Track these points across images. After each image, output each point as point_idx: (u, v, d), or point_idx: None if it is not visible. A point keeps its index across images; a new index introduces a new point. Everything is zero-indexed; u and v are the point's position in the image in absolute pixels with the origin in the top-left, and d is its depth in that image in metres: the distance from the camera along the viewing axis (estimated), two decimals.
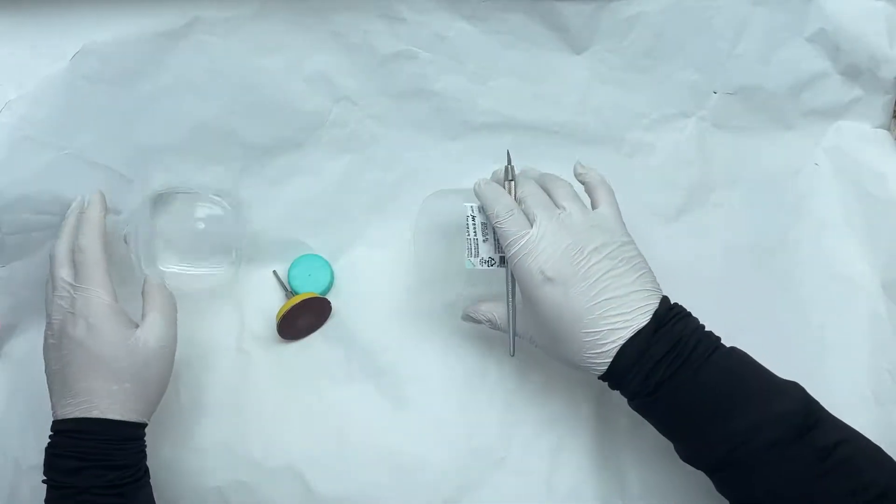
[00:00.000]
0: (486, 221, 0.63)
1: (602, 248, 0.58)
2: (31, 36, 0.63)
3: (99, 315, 0.58)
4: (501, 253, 0.62)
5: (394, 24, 0.70)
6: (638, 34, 0.72)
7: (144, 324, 0.60)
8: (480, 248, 0.63)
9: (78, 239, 0.61)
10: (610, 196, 0.64)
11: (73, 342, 0.58)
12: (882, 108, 0.75)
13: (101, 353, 0.57)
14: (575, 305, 0.56)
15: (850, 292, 0.72)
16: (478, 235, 0.63)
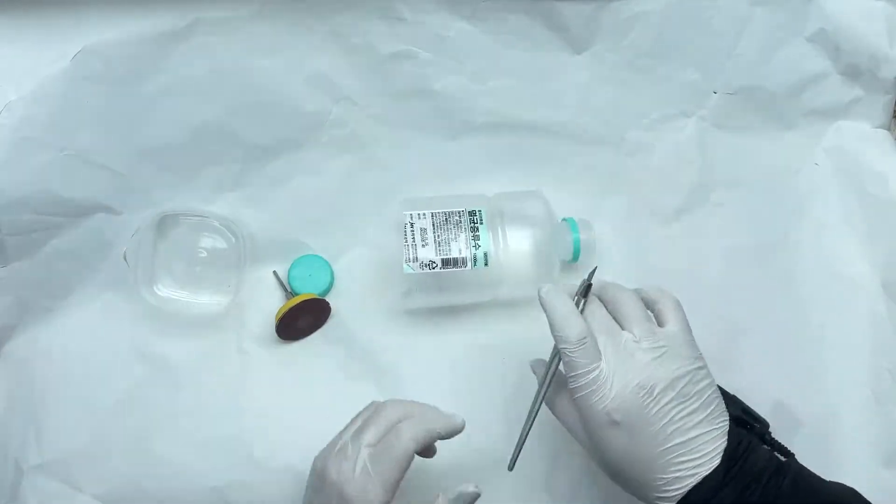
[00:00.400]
0: (425, 227, 0.67)
1: (674, 384, 0.52)
2: (32, 37, 0.63)
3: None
4: (445, 255, 0.66)
5: (394, 24, 0.70)
6: (638, 34, 0.72)
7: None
8: (419, 252, 0.66)
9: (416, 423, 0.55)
10: (678, 311, 0.57)
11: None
12: (882, 108, 0.75)
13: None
14: (641, 451, 0.51)
15: (850, 292, 0.72)
16: (416, 240, 0.66)
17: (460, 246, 0.67)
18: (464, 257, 0.67)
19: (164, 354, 0.71)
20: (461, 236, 0.67)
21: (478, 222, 0.68)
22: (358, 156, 0.75)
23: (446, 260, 0.66)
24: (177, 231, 0.73)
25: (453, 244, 0.67)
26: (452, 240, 0.67)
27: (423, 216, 0.67)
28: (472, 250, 0.67)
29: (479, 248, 0.67)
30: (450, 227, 0.67)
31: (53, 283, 0.70)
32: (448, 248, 0.67)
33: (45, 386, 0.69)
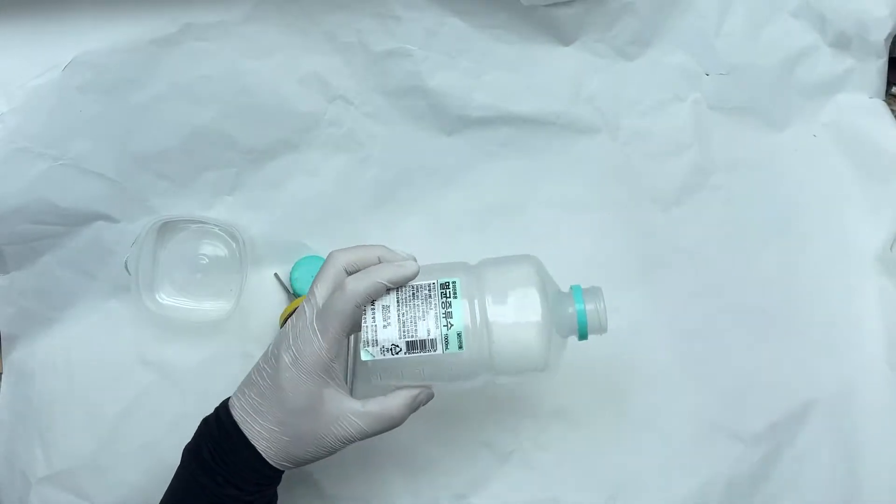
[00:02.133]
0: (388, 304, 0.55)
1: None
2: (22, 47, 0.63)
3: (308, 359, 0.52)
4: (410, 337, 0.54)
5: (386, 21, 0.71)
6: (624, 23, 0.73)
7: (364, 402, 0.54)
8: (380, 334, 0.54)
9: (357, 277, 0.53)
10: None
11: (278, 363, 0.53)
12: (877, 74, 0.75)
13: (285, 390, 0.52)
14: None
15: (855, 266, 0.71)
16: (377, 321, 0.54)
17: (429, 325, 0.54)
18: (433, 339, 0.54)
19: (168, 361, 0.71)
20: (430, 314, 0.54)
21: (451, 296, 0.55)
22: (355, 155, 0.75)
23: (412, 343, 0.54)
24: (177, 238, 0.73)
25: (420, 324, 0.54)
26: (420, 318, 0.54)
27: (387, 293, 0.55)
28: (444, 330, 0.54)
29: (452, 328, 0.54)
30: (417, 304, 0.55)
31: (55, 293, 0.70)
32: (414, 328, 0.54)
33: (50, 396, 0.68)
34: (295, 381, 0.52)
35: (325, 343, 0.52)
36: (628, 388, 0.70)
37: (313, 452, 0.54)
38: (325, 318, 0.52)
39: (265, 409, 0.53)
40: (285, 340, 0.53)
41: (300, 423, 0.53)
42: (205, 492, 0.53)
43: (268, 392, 0.53)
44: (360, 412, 0.53)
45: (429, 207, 0.76)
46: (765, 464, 0.67)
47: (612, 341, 0.71)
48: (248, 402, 0.54)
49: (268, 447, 0.53)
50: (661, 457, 0.68)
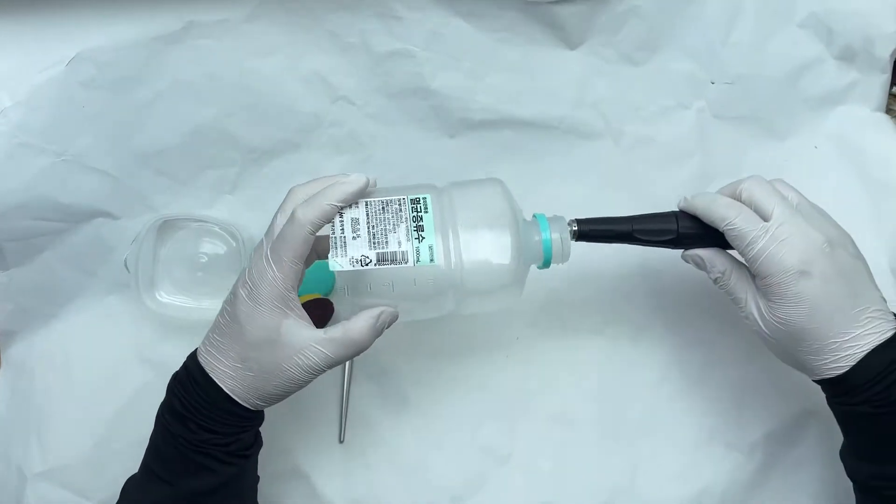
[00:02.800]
0: (358, 217, 0.55)
1: (844, 243, 0.55)
2: (26, 43, 0.63)
3: (263, 291, 0.52)
4: (381, 249, 0.54)
5: (390, 22, 0.70)
6: (631, 27, 0.72)
7: (326, 329, 0.54)
8: (349, 246, 0.54)
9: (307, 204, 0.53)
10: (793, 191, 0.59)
11: (235, 298, 0.53)
12: (880, 88, 0.75)
13: (243, 324, 0.53)
14: (834, 301, 0.52)
15: None
16: (346, 232, 0.54)
17: (399, 238, 0.55)
18: (404, 251, 0.55)
19: (166, 358, 0.70)
20: (401, 227, 0.55)
21: (421, 211, 0.56)
22: (356, 155, 0.75)
23: (382, 255, 0.54)
24: (177, 236, 0.73)
25: (391, 236, 0.55)
26: (390, 231, 0.55)
27: (356, 205, 0.55)
28: (415, 243, 0.55)
29: (423, 241, 0.55)
30: (387, 217, 0.55)
31: (54, 289, 0.70)
32: (385, 240, 0.55)
33: (48, 392, 0.69)
34: (252, 314, 0.52)
35: (279, 273, 0.52)
36: (626, 395, 0.70)
37: (281, 386, 0.54)
38: (278, 248, 0.52)
39: (226, 347, 0.53)
40: (242, 276, 0.53)
41: (262, 357, 0.53)
42: (179, 441, 0.54)
43: (227, 329, 0.53)
44: (323, 339, 0.53)
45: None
46: (760, 473, 0.67)
47: (610, 347, 0.72)
48: (212, 344, 0.54)
49: (234, 386, 0.53)
50: (657, 464, 0.69)
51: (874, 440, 0.54)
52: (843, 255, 0.54)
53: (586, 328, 0.73)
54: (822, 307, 0.52)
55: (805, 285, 0.52)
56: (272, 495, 0.67)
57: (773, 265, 0.53)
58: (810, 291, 0.52)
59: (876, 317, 0.53)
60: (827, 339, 0.52)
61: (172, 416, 0.55)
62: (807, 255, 0.52)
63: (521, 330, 0.73)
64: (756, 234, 0.53)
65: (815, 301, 0.52)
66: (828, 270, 0.52)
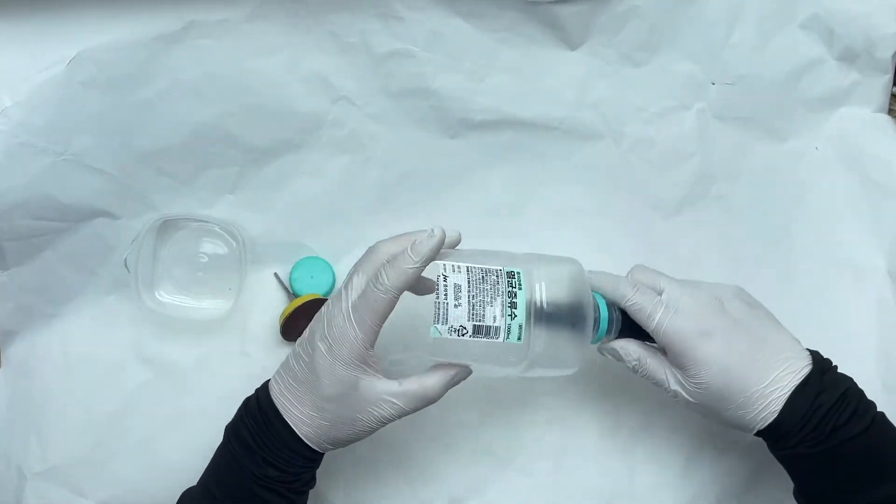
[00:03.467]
0: (460, 284, 0.55)
1: (736, 295, 0.58)
2: (26, 42, 0.63)
3: (344, 349, 0.52)
4: (477, 321, 0.54)
5: (390, 22, 0.70)
6: (632, 28, 0.72)
7: (401, 382, 0.54)
8: (451, 313, 0.54)
9: (391, 266, 0.52)
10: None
11: (314, 350, 0.54)
12: (881, 89, 0.75)
13: (320, 377, 0.53)
14: (741, 354, 0.54)
15: (856, 280, 0.71)
16: (449, 299, 0.54)
17: (495, 312, 0.54)
18: (497, 326, 0.54)
19: (166, 358, 0.71)
20: (497, 301, 0.55)
21: (516, 287, 0.56)
22: (357, 156, 0.75)
23: (478, 327, 0.54)
24: (177, 236, 0.73)
25: (488, 309, 0.54)
26: (488, 303, 0.54)
27: (459, 270, 0.55)
28: (508, 319, 0.55)
29: (515, 319, 0.55)
30: (486, 288, 0.55)
31: (54, 289, 0.70)
32: (482, 312, 0.54)
33: (48, 392, 0.69)
34: (331, 370, 0.53)
35: (361, 334, 0.52)
36: (624, 398, 0.70)
37: (353, 434, 0.55)
38: (361, 309, 0.52)
39: (302, 395, 0.54)
40: (320, 328, 0.54)
41: (338, 408, 0.54)
42: (245, 472, 0.55)
43: (304, 379, 0.54)
44: (398, 392, 0.54)
45: (430, 210, 0.76)
46: (755, 476, 0.67)
47: None
48: (287, 388, 0.55)
49: (308, 431, 0.54)
50: (654, 467, 0.69)
51: (818, 479, 0.55)
52: (737, 306, 0.57)
53: None
54: (732, 362, 0.54)
55: (709, 346, 0.54)
56: None
57: (675, 333, 0.55)
58: (716, 350, 0.54)
59: (789, 356, 0.54)
60: (747, 391, 0.54)
61: (241, 445, 0.55)
62: (703, 317, 0.55)
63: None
64: (653, 307, 0.56)
65: (724, 358, 0.54)
66: (726, 326, 0.55)
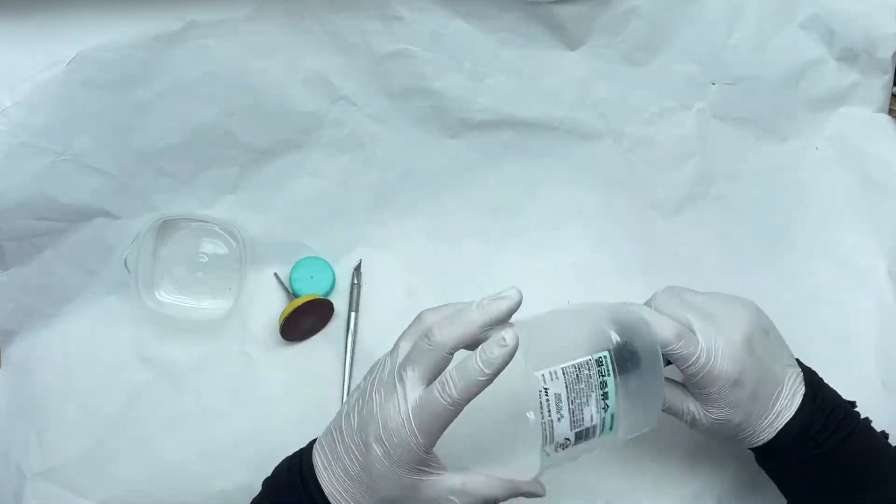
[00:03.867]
0: (560, 393, 0.49)
1: (757, 324, 0.57)
2: (27, 42, 0.63)
3: (404, 455, 0.48)
4: (578, 427, 0.49)
5: (391, 23, 0.70)
6: (632, 28, 0.72)
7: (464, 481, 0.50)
8: (556, 430, 0.48)
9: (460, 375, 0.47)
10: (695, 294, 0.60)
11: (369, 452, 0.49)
12: (881, 89, 0.75)
13: (378, 481, 0.49)
14: (761, 395, 0.56)
15: (856, 280, 0.72)
16: (552, 414, 0.48)
17: (591, 411, 0.50)
18: (594, 425, 0.50)
19: (166, 358, 0.71)
20: (592, 397, 0.50)
21: (605, 375, 0.50)
22: (357, 156, 0.75)
23: (579, 433, 0.49)
24: (177, 237, 0.73)
25: (586, 410, 0.49)
26: (584, 404, 0.49)
27: (556, 376, 0.49)
28: (602, 413, 0.50)
29: (608, 410, 0.50)
30: (581, 388, 0.50)
31: (54, 288, 0.70)
32: (581, 416, 0.49)
33: (48, 391, 0.68)
34: (390, 475, 0.48)
35: (423, 441, 0.47)
36: None
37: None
38: (425, 417, 0.47)
39: (359, 495, 0.50)
40: (374, 427, 0.48)
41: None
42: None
43: (359, 478, 0.50)
44: (459, 491, 0.50)
45: (430, 210, 0.76)
46: (754, 479, 0.67)
47: None
48: (341, 485, 0.50)
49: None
50: (654, 469, 0.69)
51: (800, 487, 0.58)
52: (759, 340, 0.56)
53: None
54: (753, 403, 0.55)
55: (739, 392, 0.55)
56: None
57: (711, 380, 0.55)
58: (744, 395, 0.55)
59: (791, 382, 0.57)
60: (759, 422, 0.56)
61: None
62: (736, 364, 0.54)
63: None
64: (695, 356, 0.55)
65: (748, 402, 0.55)
66: (753, 368, 0.55)
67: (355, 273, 0.75)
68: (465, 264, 0.76)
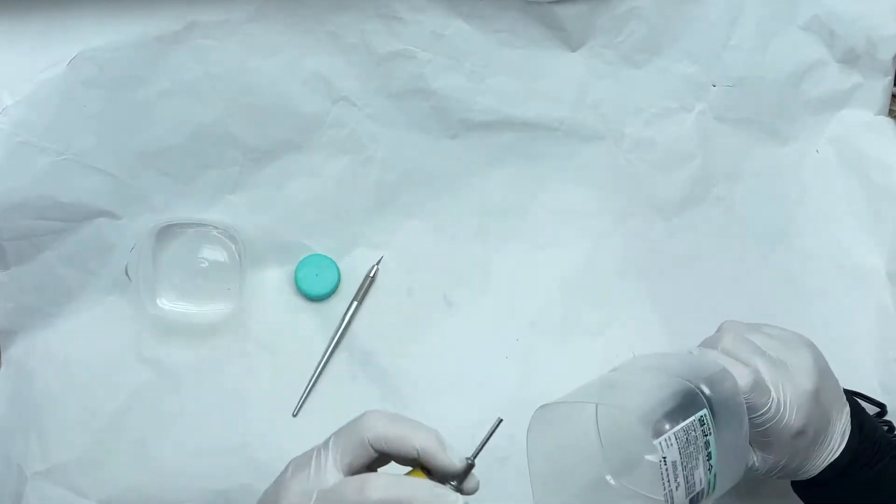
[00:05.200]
0: (675, 460, 0.46)
1: (821, 372, 0.56)
2: (28, 41, 0.63)
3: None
4: (691, 494, 0.47)
5: (391, 23, 0.70)
6: (633, 29, 0.72)
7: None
8: (675, 499, 0.46)
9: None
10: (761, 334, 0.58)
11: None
12: (882, 92, 0.75)
13: None
14: (816, 443, 0.55)
15: (855, 283, 0.72)
16: (671, 483, 0.46)
17: (701, 474, 0.47)
18: (703, 489, 0.48)
19: (166, 359, 0.71)
20: (699, 458, 0.47)
21: (708, 434, 0.48)
22: (357, 156, 0.75)
23: (693, 499, 0.47)
24: (176, 242, 0.73)
25: (696, 473, 0.47)
26: (695, 468, 0.47)
27: (671, 443, 0.46)
28: (707, 474, 0.48)
29: (712, 470, 0.48)
30: (691, 452, 0.47)
31: (54, 289, 0.70)
32: (693, 480, 0.47)
33: (48, 391, 0.68)
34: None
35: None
36: None
37: None
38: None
39: None
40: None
41: None
42: None
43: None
44: None
45: (430, 210, 0.76)
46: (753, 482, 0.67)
47: (610, 349, 0.72)
48: None
49: None
50: None
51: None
52: (825, 392, 0.55)
53: (585, 330, 0.73)
54: (810, 448, 0.55)
55: (801, 442, 0.54)
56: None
57: (777, 431, 0.54)
58: (805, 444, 0.55)
59: (842, 424, 0.56)
60: (809, 462, 0.56)
61: None
62: (802, 416, 0.54)
63: (521, 331, 0.73)
64: (766, 407, 0.53)
65: (806, 447, 0.55)
66: (818, 421, 0.55)
67: (374, 267, 0.75)
68: (465, 264, 0.76)
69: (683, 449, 0.46)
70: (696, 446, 0.47)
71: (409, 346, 0.72)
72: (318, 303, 0.74)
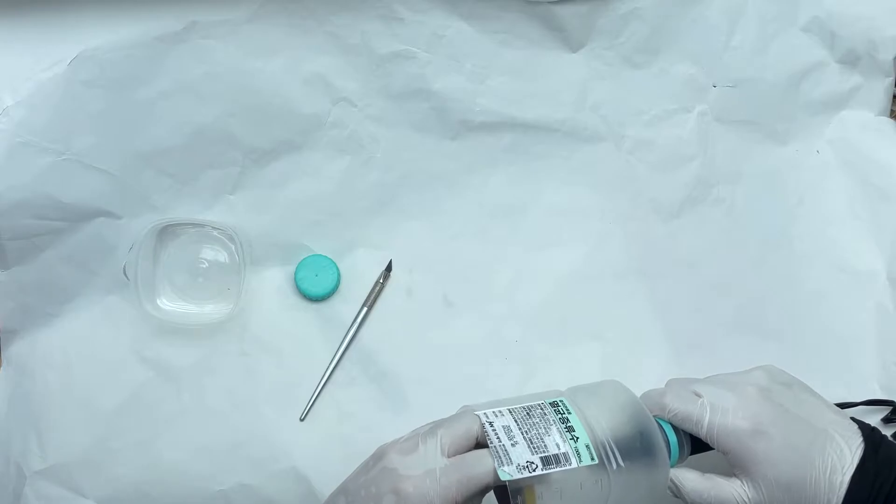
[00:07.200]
0: (508, 424, 0.53)
1: (772, 379, 0.54)
2: (28, 41, 0.63)
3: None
4: (541, 453, 0.51)
5: (392, 24, 0.70)
6: (633, 30, 0.72)
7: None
8: (511, 453, 0.51)
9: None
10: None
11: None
12: (883, 93, 0.75)
13: None
14: (797, 448, 0.51)
15: (855, 285, 0.72)
16: (503, 440, 0.52)
17: (556, 440, 0.52)
18: (564, 452, 0.51)
19: (166, 358, 0.71)
20: (552, 429, 0.52)
21: (564, 412, 0.54)
22: (357, 157, 0.75)
23: (545, 458, 0.51)
24: (176, 243, 0.73)
25: (547, 439, 0.52)
26: (544, 434, 0.52)
27: (501, 413, 0.53)
28: (572, 444, 0.52)
29: (578, 441, 0.52)
30: (535, 422, 0.53)
31: (55, 288, 0.70)
32: (542, 443, 0.52)
33: (48, 391, 0.69)
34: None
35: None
36: None
37: None
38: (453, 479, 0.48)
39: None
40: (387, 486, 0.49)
41: None
42: None
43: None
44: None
45: (430, 211, 0.76)
46: None
47: (609, 351, 0.72)
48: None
49: None
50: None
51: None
52: (778, 391, 0.53)
53: (585, 332, 0.73)
54: (792, 456, 0.51)
55: (767, 443, 0.51)
56: (272, 495, 0.67)
57: (729, 435, 0.52)
58: (774, 446, 0.51)
59: (842, 434, 0.52)
60: (813, 481, 0.51)
61: None
62: (750, 411, 0.52)
63: (521, 332, 0.73)
64: (699, 412, 0.53)
65: (784, 453, 0.51)
66: (776, 417, 0.52)
67: (384, 272, 0.75)
68: (465, 265, 0.76)
69: (523, 420, 0.53)
70: (544, 420, 0.53)
71: (409, 347, 0.72)
72: (318, 303, 0.74)
